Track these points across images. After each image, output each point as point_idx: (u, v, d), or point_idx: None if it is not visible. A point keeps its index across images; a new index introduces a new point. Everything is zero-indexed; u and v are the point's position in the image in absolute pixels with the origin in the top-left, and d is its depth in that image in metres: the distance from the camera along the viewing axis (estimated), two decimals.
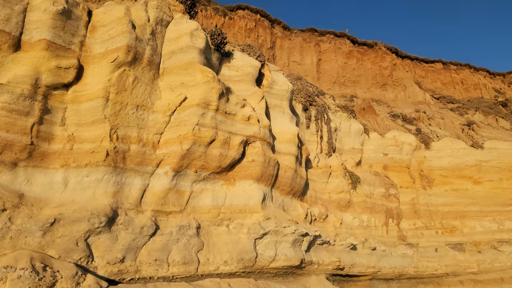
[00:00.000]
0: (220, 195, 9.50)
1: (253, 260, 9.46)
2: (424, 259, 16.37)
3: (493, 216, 18.64)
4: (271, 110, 11.80)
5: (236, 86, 10.50)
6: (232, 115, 9.58)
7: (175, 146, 8.45)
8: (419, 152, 19.29)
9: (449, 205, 18.48)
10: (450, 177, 19.17)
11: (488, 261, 17.21)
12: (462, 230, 17.91)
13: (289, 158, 11.69)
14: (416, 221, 17.47)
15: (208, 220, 9.27)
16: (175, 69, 8.81)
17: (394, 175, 18.11)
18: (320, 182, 14.42)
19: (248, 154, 10.06)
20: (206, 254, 8.89)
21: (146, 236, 7.91)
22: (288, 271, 10.88)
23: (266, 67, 11.87)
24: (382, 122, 20.79)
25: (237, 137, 9.59)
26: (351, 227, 14.62)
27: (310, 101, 15.14)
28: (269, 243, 10.01)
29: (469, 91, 33.27)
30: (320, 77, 25.76)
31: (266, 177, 10.47)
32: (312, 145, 14.70)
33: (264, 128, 10.41)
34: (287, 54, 25.05)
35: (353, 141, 17.15)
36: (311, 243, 11.59)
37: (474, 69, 35.12)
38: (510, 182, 19.53)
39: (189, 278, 8.67)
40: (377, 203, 16.31)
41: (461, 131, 22.17)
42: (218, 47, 10.07)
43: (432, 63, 33.24)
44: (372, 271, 14.26)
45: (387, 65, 27.95)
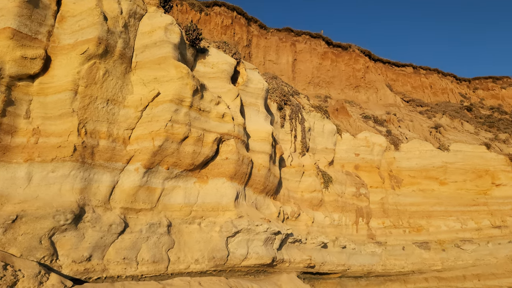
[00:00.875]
0: (193, 193, 9.39)
1: (224, 259, 9.41)
2: (392, 257, 16.87)
3: (457, 216, 19.45)
4: (246, 108, 11.78)
5: (211, 83, 10.40)
6: (206, 112, 9.48)
7: (147, 142, 8.27)
8: (389, 153, 19.85)
9: (416, 205, 19.14)
10: (417, 177, 19.84)
11: (451, 259, 17.95)
12: (428, 229, 18.59)
13: (263, 157, 11.72)
14: (385, 220, 17.97)
15: (179, 218, 9.14)
16: (148, 64, 8.62)
17: (365, 175, 18.55)
18: (293, 181, 14.55)
19: (221, 152, 10.00)
20: (177, 252, 8.77)
21: (114, 234, 7.70)
22: (259, 270, 10.91)
23: (242, 65, 11.83)
24: (355, 123, 21.23)
25: (211, 134, 9.51)
26: (323, 226, 14.85)
27: (285, 100, 15.23)
28: (241, 241, 9.99)
29: (437, 95, 34.56)
30: (296, 77, 25.99)
31: (239, 175, 10.44)
32: (286, 144, 14.81)
33: (239, 126, 10.38)
34: (263, 53, 25.10)
35: (326, 141, 17.42)
36: (283, 241, 11.67)
37: (442, 74, 36.52)
38: (473, 184, 20.45)
39: (159, 277, 8.52)
40: (348, 202, 16.65)
41: (429, 134, 22.99)
42: (193, 43, 9.93)
43: (403, 67, 34.28)
44: (342, 269, 14.54)
45: (360, 68, 28.57)
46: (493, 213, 20.04)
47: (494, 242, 19.00)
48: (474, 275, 17.86)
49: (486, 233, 19.17)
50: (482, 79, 38.66)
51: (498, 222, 19.80)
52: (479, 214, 19.79)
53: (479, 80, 38.39)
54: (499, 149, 22.15)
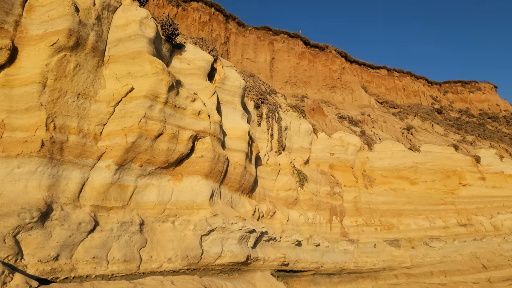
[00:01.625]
0: (167, 191, 9.24)
1: (198, 257, 9.33)
2: (364, 255, 17.26)
3: (426, 215, 20.13)
4: (223, 106, 11.70)
5: (187, 80, 10.26)
6: (182, 109, 9.34)
7: (119, 138, 8.05)
8: (363, 153, 20.28)
9: (388, 203, 19.65)
10: (389, 177, 20.37)
11: (420, 256, 18.56)
12: (399, 227, 19.13)
13: (239, 155, 11.68)
14: (357, 219, 18.35)
15: (152, 216, 8.97)
16: (121, 58, 8.39)
17: (339, 174, 18.86)
18: (269, 179, 14.60)
19: (197, 150, 9.88)
20: (149, 251, 8.61)
21: (83, 232, 7.46)
22: (233, 268, 10.88)
23: (219, 62, 11.74)
24: (330, 123, 21.54)
25: (186, 131, 9.38)
26: (297, 224, 14.98)
27: (262, 99, 15.25)
28: (216, 239, 9.93)
29: (410, 98, 35.58)
30: (273, 76, 26.06)
31: (215, 173, 10.36)
32: (262, 143, 14.83)
33: (215, 124, 10.29)
34: (241, 51, 25.00)
35: (302, 140, 17.58)
36: (257, 239, 11.69)
37: (414, 77, 37.63)
38: (441, 184, 21.21)
39: (130, 276, 8.33)
40: (322, 200, 16.88)
41: (401, 135, 23.64)
42: (169, 38, 9.75)
43: (378, 69, 35.07)
44: (315, 266, 14.74)
45: (336, 68, 29.00)
46: (459, 212, 20.87)
47: (460, 239, 19.79)
48: (441, 272, 18.54)
49: (453, 231, 19.94)
50: (452, 83, 40.15)
51: (464, 220, 20.63)
52: (446, 213, 20.55)
53: (449, 84, 39.85)
54: (466, 151, 23.06)
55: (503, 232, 21.16)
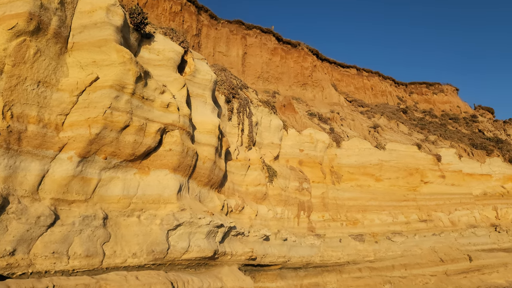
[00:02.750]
0: (132, 185, 9.01)
1: (164, 252, 9.19)
2: (330, 249, 17.67)
3: (389, 210, 20.87)
4: (193, 99, 11.53)
5: (156, 71, 10.01)
6: (150, 100, 9.12)
7: (83, 129, 7.75)
8: (331, 149, 20.69)
9: (353, 199, 20.20)
10: (356, 174, 20.93)
11: (383, 250, 19.24)
12: (363, 222, 19.73)
13: (208, 149, 11.58)
14: (324, 214, 18.74)
15: (117, 210, 8.73)
16: (86, 45, 8.05)
17: (308, 170, 19.16)
18: (239, 174, 14.59)
19: (165, 143, 9.70)
20: (113, 246, 8.38)
21: (43, 226, 7.14)
22: (201, 263, 10.81)
23: (190, 54, 11.54)
24: (300, 120, 21.79)
25: (154, 124, 9.17)
26: (266, 219, 15.09)
27: (233, 93, 15.17)
28: (183, 234, 9.82)
29: (377, 97, 36.64)
30: (245, 71, 25.98)
31: (183, 168, 10.22)
32: (232, 138, 14.78)
33: (184, 117, 10.13)
34: (212, 44, 24.71)
35: (272, 136, 17.68)
36: (225, 234, 11.67)
37: (382, 77, 38.77)
38: (404, 181, 22.06)
39: (93, 272, 8.09)
40: (291, 196, 17.09)
41: (368, 133, 24.30)
42: (137, 27, 9.46)
43: (347, 68, 35.83)
44: (282, 261, 14.93)
45: (308, 66, 29.34)
46: (420, 208, 21.80)
47: (420, 234, 20.70)
48: (402, 265, 19.32)
49: (414, 227, 20.81)
50: (417, 84, 41.73)
51: (425, 216, 21.58)
52: (408, 209, 21.41)
53: (415, 85, 41.40)
54: (429, 150, 24.07)
55: (460, 228, 22.34)
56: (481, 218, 23.76)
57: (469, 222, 23.02)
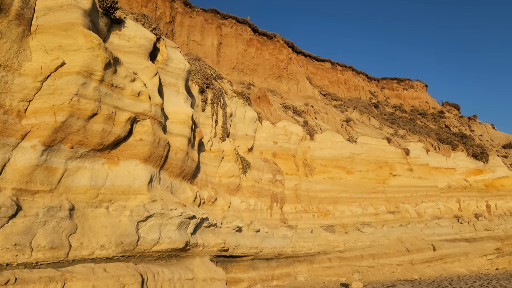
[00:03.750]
0: (101, 175, 8.75)
1: (134, 244, 9.01)
2: (301, 240, 17.96)
3: (359, 202, 21.41)
4: (165, 88, 11.28)
5: (126, 58, 9.70)
6: (119, 88, 8.84)
7: (48, 117, 7.41)
8: (305, 142, 20.91)
9: (325, 191, 20.56)
10: (328, 166, 21.28)
11: (352, 241, 19.76)
12: (334, 214, 20.15)
13: (181, 140, 11.39)
14: (297, 205, 18.99)
15: (84, 201, 8.46)
16: (52, 29, 7.67)
17: (282, 162, 19.29)
18: (212, 165, 14.49)
19: (136, 133, 9.46)
20: (80, 238, 8.13)
21: (4, 217, 6.82)
22: (172, 254, 10.70)
23: (162, 42, 11.24)
24: (275, 112, 21.85)
25: (124, 113, 8.90)
26: (239, 210, 15.11)
27: (208, 83, 14.97)
28: (154, 226, 9.66)
29: (351, 91, 37.29)
30: (220, 61, 25.68)
31: (154, 158, 10.01)
32: (206, 129, 14.63)
33: (156, 106, 9.90)
34: (187, 32, 24.20)
35: (247, 128, 17.63)
36: (197, 225, 11.59)
37: (356, 72, 39.44)
38: (374, 174, 22.65)
39: (58, 264, 7.83)
40: (264, 187, 17.18)
41: (341, 126, 24.72)
42: (107, 12, 9.10)
43: (322, 62, 36.17)
44: (254, 252, 15.03)
45: (283, 58, 29.37)
46: (389, 200, 22.49)
47: (388, 225, 21.39)
48: (370, 255, 19.93)
49: (382, 218, 21.47)
50: (388, 79, 42.78)
51: (393, 208, 22.29)
52: (377, 200, 22.04)
53: (386, 81, 42.42)
54: (398, 144, 24.80)
55: (425, 219, 23.26)
56: (445, 210, 24.83)
57: (434, 213, 24.01)
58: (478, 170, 27.66)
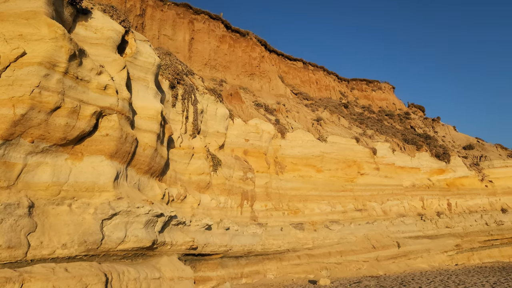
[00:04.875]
0: (63, 171, 8.39)
1: (98, 243, 8.72)
2: (271, 238, 18.07)
3: (328, 200, 21.82)
4: (134, 82, 10.98)
5: (92, 50, 9.35)
6: (85, 81, 8.51)
7: (6, 109, 7.01)
8: (276, 140, 21.04)
9: (295, 189, 20.81)
10: (299, 164, 21.54)
11: (321, 238, 20.11)
12: (304, 211, 20.43)
13: (149, 136, 11.14)
14: (267, 203, 19.09)
15: (45, 198, 8.09)
16: (12, 17, 7.26)
17: (253, 160, 19.33)
18: (182, 162, 14.28)
19: (101, 127, 9.14)
20: (40, 236, 7.76)
21: None
22: (138, 253, 10.45)
23: (132, 34, 10.93)
24: (247, 110, 21.82)
25: (89, 107, 8.59)
26: (208, 208, 14.99)
27: (178, 79, 14.72)
28: (119, 224, 9.39)
29: (322, 91, 37.88)
30: (192, 57, 25.30)
31: (121, 154, 9.73)
32: (176, 125, 14.39)
33: (123, 101, 9.61)
34: (158, 26, 23.65)
35: (218, 125, 17.51)
36: (165, 223, 11.39)
37: (327, 72, 40.09)
38: (343, 172, 23.15)
39: (16, 264, 7.44)
40: (235, 185, 17.13)
41: (311, 125, 25.07)
42: (72, 1, 8.71)
43: (294, 61, 36.50)
44: (224, 250, 14.97)
45: (256, 56, 29.37)
46: (356, 198, 23.07)
47: (355, 223, 21.93)
48: (338, 252, 20.36)
49: (350, 215, 21.99)
50: (358, 80, 43.81)
51: (360, 206, 22.89)
52: (346, 199, 22.56)
53: (356, 82, 43.42)
54: (366, 143, 25.46)
55: (391, 217, 24.05)
56: (410, 208, 25.79)
57: (399, 211, 24.87)
58: (441, 170, 28.92)
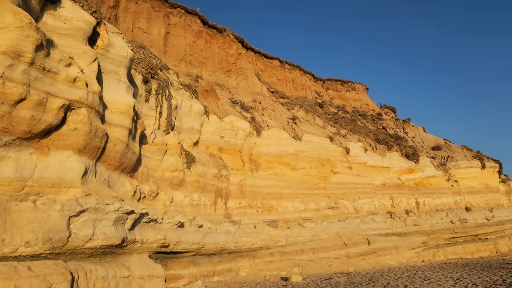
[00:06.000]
0: (28, 166, 8.03)
1: (64, 240, 8.42)
2: (244, 235, 18.08)
3: (302, 198, 22.06)
4: (105, 76, 10.65)
5: (62, 41, 9.00)
6: (53, 73, 8.17)
7: None
8: (251, 138, 21.04)
9: (270, 187, 20.90)
10: (273, 162, 21.65)
11: (294, 236, 20.32)
12: (278, 209, 20.57)
13: (121, 131, 10.86)
14: (241, 201, 19.08)
15: (7, 194, 7.72)
16: None
17: (228, 157, 19.24)
18: (155, 159, 14.02)
19: (70, 121, 8.82)
20: (1, 234, 7.41)
21: None
22: (107, 251, 10.17)
23: (104, 26, 10.59)
24: (223, 107, 21.69)
25: (57, 99, 8.25)
26: (181, 205, 14.80)
27: (152, 73, 14.42)
28: (87, 221, 9.10)
29: (298, 90, 38.20)
30: (167, 51, 24.85)
31: (90, 149, 9.42)
32: (149, 120, 14.10)
33: (94, 94, 9.31)
34: (132, 19, 23.05)
35: (193, 121, 17.30)
36: (136, 221, 11.15)
37: (303, 71, 40.46)
38: (317, 171, 23.47)
39: None
40: (209, 183, 17.00)
41: (287, 124, 25.24)
42: None
43: (271, 59, 36.60)
44: (196, 247, 14.83)
45: (233, 53, 29.23)
46: (329, 196, 23.46)
47: (328, 220, 22.30)
48: (310, 249, 20.64)
49: (323, 213, 22.34)
50: (333, 80, 44.48)
51: (332, 204, 23.29)
52: (319, 196, 22.88)
53: (331, 82, 44.07)
54: (339, 143, 25.90)
55: (362, 214, 24.62)
56: (380, 206, 26.49)
57: (370, 209, 25.51)
58: (410, 170, 29.87)
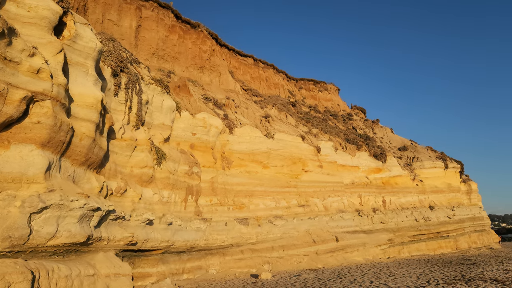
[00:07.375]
0: None
1: (25, 238, 8.06)
2: (215, 233, 17.99)
3: (273, 196, 22.22)
4: (72, 67, 10.26)
5: (25, 30, 8.57)
6: (14, 63, 7.78)
7: None
8: (224, 135, 20.95)
9: (242, 185, 20.90)
10: (246, 160, 21.66)
11: (264, 233, 20.44)
12: (249, 207, 20.61)
13: (87, 125, 10.50)
14: (212, 198, 18.96)
15: None
16: None
17: (199, 154, 19.06)
18: (123, 155, 13.67)
19: (32, 114, 8.44)
20: None
21: None
22: (71, 249, 9.83)
23: (71, 16, 10.18)
24: (195, 103, 21.45)
25: (18, 91, 7.87)
26: (150, 203, 14.53)
27: (122, 67, 14.03)
28: (50, 218, 8.75)
29: (271, 89, 38.40)
30: (138, 45, 24.26)
31: (54, 144, 9.05)
32: (118, 115, 13.73)
33: (59, 87, 8.94)
34: (102, 10, 22.31)
35: (164, 117, 17.00)
36: (102, 218, 10.84)
37: (277, 70, 40.72)
38: (288, 169, 23.71)
39: None
40: (179, 180, 16.77)
41: (260, 122, 25.32)
42: None
43: (245, 57, 36.58)
44: (165, 245, 14.62)
45: (207, 49, 28.95)
46: (300, 194, 23.76)
47: (298, 218, 22.59)
48: (280, 246, 20.84)
49: (293, 211, 22.60)
50: (306, 80, 45.07)
51: (303, 201, 23.61)
52: (290, 194, 23.13)
53: (304, 81, 44.64)
54: (311, 141, 26.29)
55: (331, 212, 25.12)
56: (349, 204, 27.13)
57: (339, 207, 26.06)
58: (378, 169, 30.78)
